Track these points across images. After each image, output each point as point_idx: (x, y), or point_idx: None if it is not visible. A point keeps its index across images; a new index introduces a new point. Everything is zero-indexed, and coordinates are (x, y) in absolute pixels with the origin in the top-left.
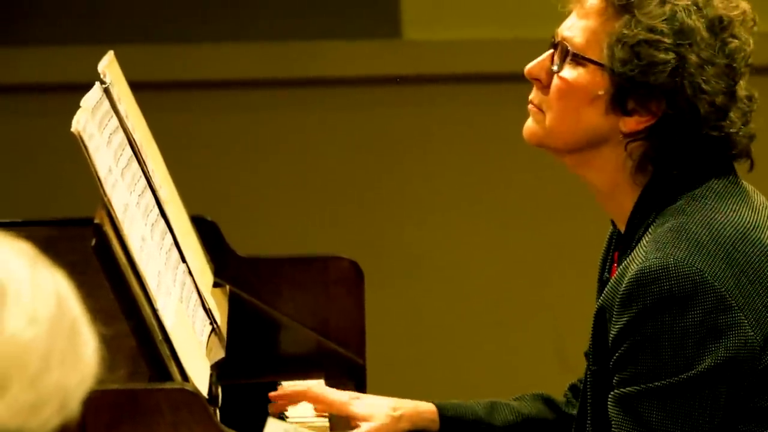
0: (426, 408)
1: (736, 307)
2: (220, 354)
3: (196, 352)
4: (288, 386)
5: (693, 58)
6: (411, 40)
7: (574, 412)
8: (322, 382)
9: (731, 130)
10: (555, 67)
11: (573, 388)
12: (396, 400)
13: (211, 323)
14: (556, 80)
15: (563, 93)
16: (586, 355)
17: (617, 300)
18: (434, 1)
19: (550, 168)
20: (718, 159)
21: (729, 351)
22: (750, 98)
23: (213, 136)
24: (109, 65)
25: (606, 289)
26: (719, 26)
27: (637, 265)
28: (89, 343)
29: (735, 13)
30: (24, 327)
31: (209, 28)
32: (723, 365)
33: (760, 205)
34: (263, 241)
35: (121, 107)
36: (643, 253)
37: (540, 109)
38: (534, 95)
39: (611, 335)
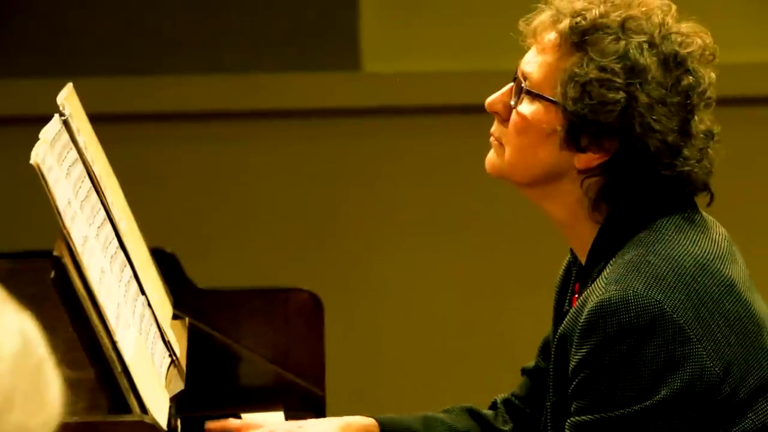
0: (369, 422)
1: (695, 339)
2: (180, 386)
3: (155, 385)
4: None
5: (643, 97)
6: (371, 73)
7: (506, 429)
8: (281, 414)
9: (685, 168)
10: (512, 102)
11: (507, 402)
12: (342, 420)
13: (170, 355)
14: (514, 115)
15: (520, 128)
16: (523, 370)
17: (577, 331)
18: (394, 34)
19: (511, 199)
20: (676, 194)
21: (685, 382)
22: (707, 133)
23: (172, 169)
24: (68, 97)
25: (567, 318)
26: (674, 63)
27: (597, 296)
28: (54, 385)
29: (691, 49)
30: None
31: (169, 61)
32: (679, 396)
33: (719, 236)
34: (222, 274)
35: (80, 139)
36: (603, 285)
37: (500, 143)
38: (495, 128)
39: (571, 365)
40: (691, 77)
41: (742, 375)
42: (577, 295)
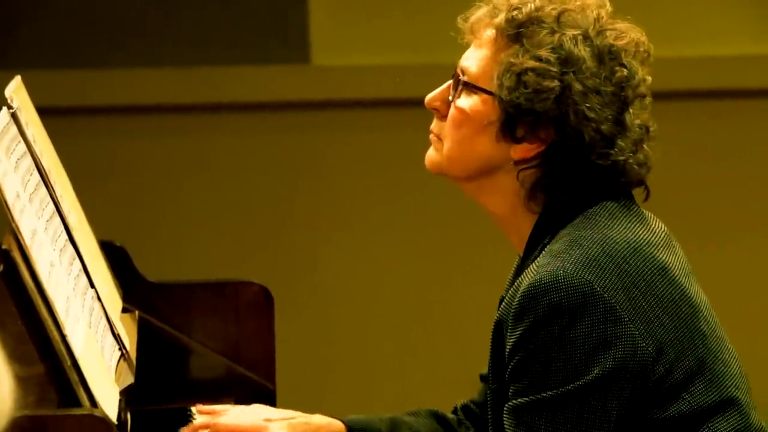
0: (337, 426)
1: (627, 319)
2: (130, 379)
3: (105, 378)
4: (200, 410)
5: (577, 86)
6: (320, 66)
7: None
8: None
9: (619, 158)
10: (451, 97)
11: (466, 408)
12: (308, 418)
13: (120, 349)
14: (451, 109)
15: (458, 121)
16: (482, 377)
17: (511, 314)
18: (343, 28)
19: (458, 191)
20: (610, 186)
21: (617, 362)
22: (643, 127)
23: (121, 162)
24: (16, 90)
25: (502, 304)
26: (608, 56)
27: (530, 279)
28: (3, 383)
29: (623, 42)
30: None
31: (119, 54)
32: (611, 375)
33: (656, 227)
34: (172, 267)
35: (28, 132)
36: (536, 268)
37: (439, 138)
38: (434, 125)
39: (507, 350)
40: (625, 70)
41: (677, 356)
42: None
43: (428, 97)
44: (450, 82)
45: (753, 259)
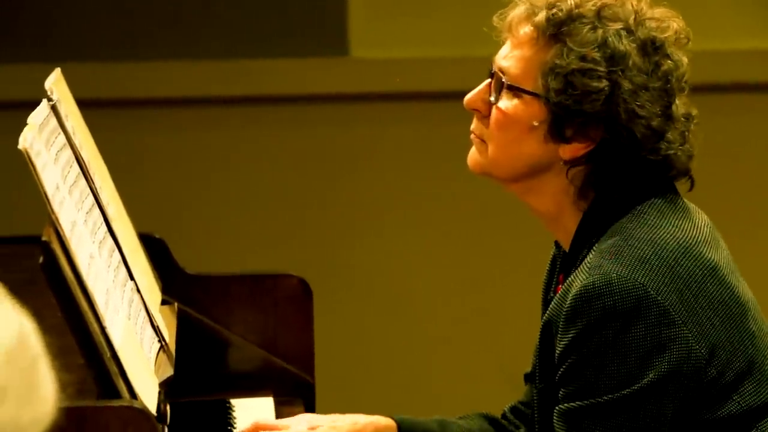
0: (385, 423)
1: (680, 322)
2: (169, 372)
3: (144, 370)
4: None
5: (626, 84)
6: (359, 58)
7: None
8: (270, 400)
9: (669, 152)
10: (492, 99)
11: (515, 410)
12: (354, 418)
13: (159, 341)
14: (494, 111)
15: (502, 124)
16: (526, 376)
17: (562, 316)
18: (382, 20)
19: (497, 185)
20: (658, 180)
21: (672, 365)
22: (687, 116)
23: (161, 154)
24: (56, 82)
25: (551, 305)
26: (652, 48)
27: (581, 281)
28: (47, 383)
29: (667, 34)
30: None
31: (157, 46)
32: (666, 379)
33: (701, 222)
34: (212, 259)
35: (68, 124)
36: (587, 269)
37: (482, 140)
38: (475, 125)
39: (557, 351)
40: (669, 61)
41: (728, 357)
42: (561, 285)
43: (467, 98)
44: (488, 81)
45: (755, 255)
